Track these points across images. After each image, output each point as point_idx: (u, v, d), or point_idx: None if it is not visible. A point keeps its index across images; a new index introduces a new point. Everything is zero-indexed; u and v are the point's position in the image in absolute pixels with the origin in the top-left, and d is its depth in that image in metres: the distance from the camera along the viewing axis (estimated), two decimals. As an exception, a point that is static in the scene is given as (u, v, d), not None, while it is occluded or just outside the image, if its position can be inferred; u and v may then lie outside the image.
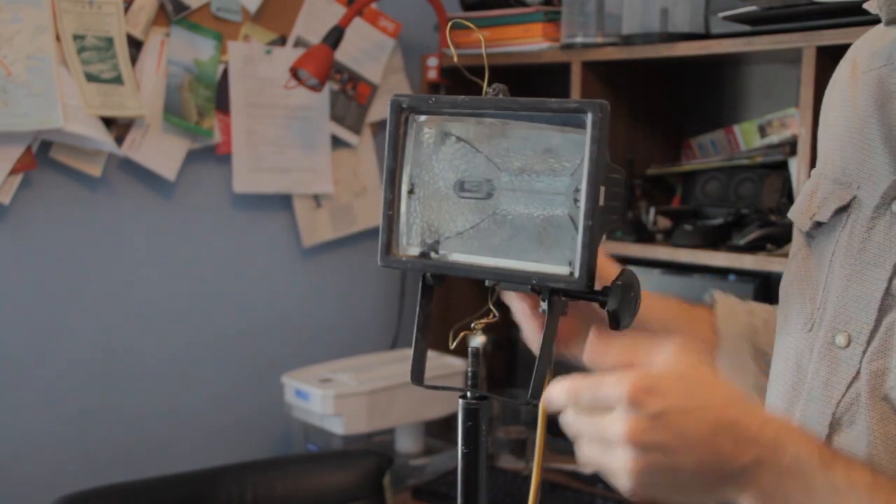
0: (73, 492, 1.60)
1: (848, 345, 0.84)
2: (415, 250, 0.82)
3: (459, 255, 0.81)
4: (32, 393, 1.93)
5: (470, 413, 0.80)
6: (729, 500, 0.72)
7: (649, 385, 0.68)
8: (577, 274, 0.74)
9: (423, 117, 0.82)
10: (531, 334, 0.92)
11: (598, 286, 0.77)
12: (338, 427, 2.01)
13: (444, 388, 0.83)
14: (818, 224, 0.91)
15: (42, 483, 1.89)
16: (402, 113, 0.81)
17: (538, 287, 0.77)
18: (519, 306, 0.91)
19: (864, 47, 0.94)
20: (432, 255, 0.81)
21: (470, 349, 0.82)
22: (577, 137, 0.76)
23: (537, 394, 0.78)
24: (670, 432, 0.68)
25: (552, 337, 0.79)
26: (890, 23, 0.85)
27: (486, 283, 0.83)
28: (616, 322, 0.78)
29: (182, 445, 2.11)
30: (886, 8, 0.85)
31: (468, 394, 0.81)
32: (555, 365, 0.80)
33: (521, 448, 2.11)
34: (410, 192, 0.82)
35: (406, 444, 2.17)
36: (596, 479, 2.05)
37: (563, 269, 0.76)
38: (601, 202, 0.74)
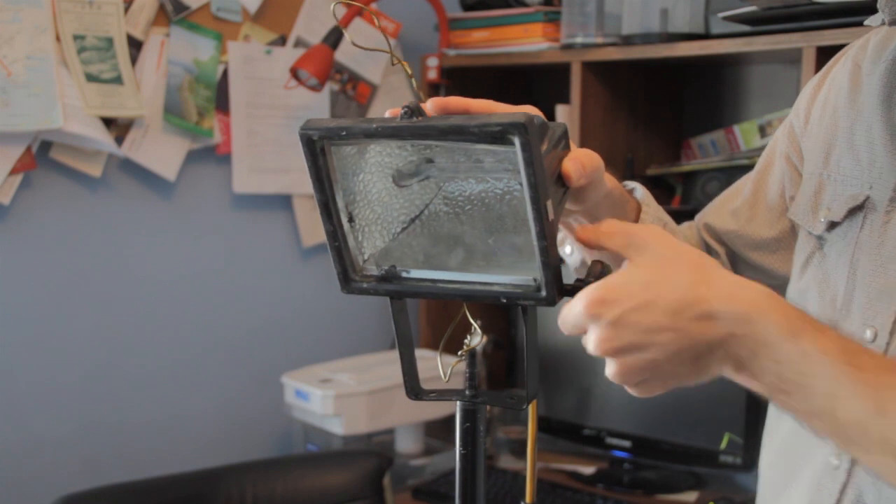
0: (73, 492, 1.60)
1: (875, 339, 0.86)
2: (373, 272, 0.79)
3: (421, 272, 0.78)
4: (32, 393, 1.93)
5: (468, 414, 0.80)
6: (718, 374, 0.74)
7: (601, 296, 0.70)
8: (544, 293, 0.73)
9: (345, 150, 0.76)
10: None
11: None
12: (338, 427, 2.01)
13: (443, 399, 0.82)
14: (832, 225, 0.92)
15: (42, 483, 1.89)
16: (315, 144, 0.75)
17: (509, 303, 0.76)
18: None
19: (868, 51, 0.96)
20: (393, 279, 0.79)
21: (467, 350, 0.82)
22: (509, 154, 0.70)
23: (533, 395, 0.79)
24: (631, 331, 0.70)
25: (535, 343, 0.79)
26: (893, 23, 0.86)
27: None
28: None
29: (182, 445, 2.11)
30: (889, 10, 0.86)
31: (466, 394, 0.81)
32: (543, 364, 0.81)
33: (522, 448, 2.11)
34: (350, 220, 0.78)
35: (406, 444, 2.18)
36: (596, 479, 2.05)
37: (528, 280, 0.74)
38: (551, 216, 0.71)
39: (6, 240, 1.88)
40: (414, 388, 0.83)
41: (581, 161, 0.79)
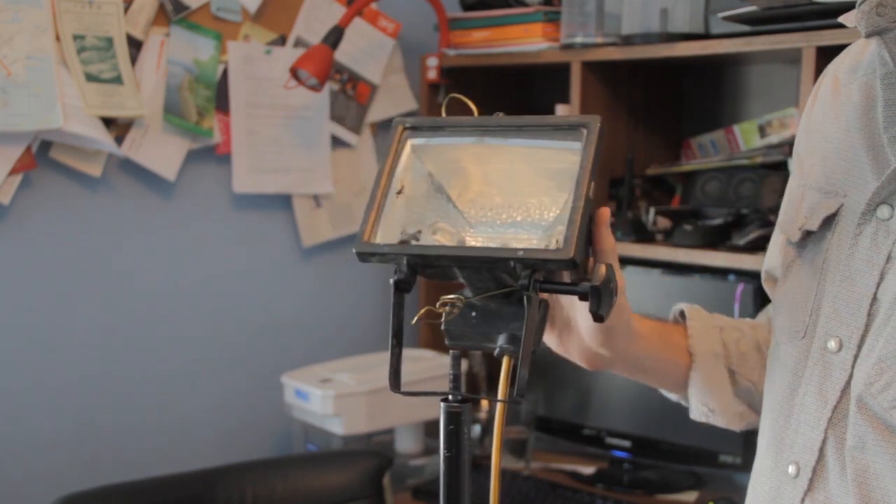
0: (73, 492, 1.60)
1: (839, 349, 0.86)
2: (393, 240, 0.81)
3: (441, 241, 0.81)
4: (33, 393, 1.93)
5: (452, 417, 0.80)
6: None
7: None
8: (563, 244, 0.74)
9: (420, 143, 0.83)
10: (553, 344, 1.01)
11: None
12: (338, 427, 2.01)
13: (422, 394, 0.82)
14: (807, 234, 0.93)
15: (42, 483, 1.89)
16: (404, 132, 0.83)
17: (521, 265, 0.75)
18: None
19: (845, 62, 0.97)
20: (412, 242, 0.80)
21: (452, 352, 0.82)
22: (572, 155, 0.78)
23: (522, 393, 0.79)
24: None
25: (531, 334, 0.78)
26: (870, 35, 0.87)
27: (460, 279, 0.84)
28: (596, 308, 0.79)
29: (182, 445, 2.11)
30: (865, 21, 0.86)
31: (449, 397, 0.81)
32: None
33: (522, 448, 2.11)
34: (399, 192, 0.82)
35: (406, 444, 2.18)
36: (596, 479, 2.05)
37: (548, 244, 0.76)
38: (590, 195, 0.76)
39: (6, 240, 1.88)
40: (396, 382, 0.83)
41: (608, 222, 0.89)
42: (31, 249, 1.91)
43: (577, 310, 0.95)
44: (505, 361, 0.82)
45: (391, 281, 0.80)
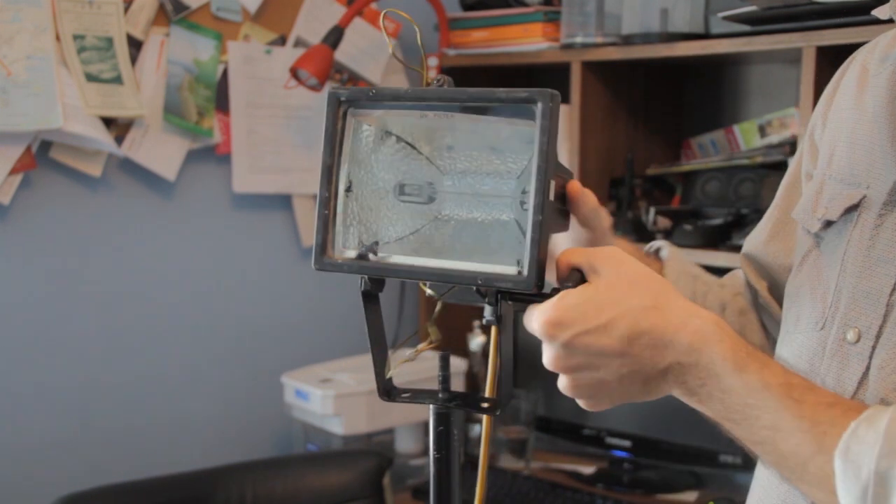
0: (73, 492, 1.60)
1: (858, 340, 0.85)
2: (352, 252, 0.78)
3: (399, 258, 0.78)
4: (33, 393, 1.93)
5: (441, 418, 0.80)
6: (669, 394, 0.78)
7: (555, 318, 0.73)
8: (525, 272, 0.71)
9: (362, 111, 0.77)
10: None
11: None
12: (338, 427, 2.01)
13: (417, 401, 0.82)
14: (827, 224, 0.92)
15: (42, 483, 1.89)
16: (340, 107, 0.77)
17: (484, 288, 0.74)
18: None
19: (876, 52, 0.96)
20: (370, 256, 0.78)
21: (440, 355, 0.82)
22: (527, 131, 0.72)
23: (506, 402, 0.80)
24: (583, 354, 0.74)
25: (509, 344, 0.79)
26: None
27: (427, 291, 0.81)
28: None
29: (182, 445, 2.11)
30: None
31: (439, 398, 0.81)
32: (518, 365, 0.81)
33: (521, 448, 2.11)
34: (348, 189, 0.78)
35: (406, 444, 2.18)
36: (596, 479, 2.05)
37: (510, 269, 0.73)
38: (551, 197, 0.72)
39: (6, 240, 1.88)
40: (387, 389, 0.83)
41: (581, 187, 0.85)
42: (31, 249, 1.91)
43: (556, 246, 0.92)
44: (493, 333, 0.82)
45: (360, 291, 0.80)
